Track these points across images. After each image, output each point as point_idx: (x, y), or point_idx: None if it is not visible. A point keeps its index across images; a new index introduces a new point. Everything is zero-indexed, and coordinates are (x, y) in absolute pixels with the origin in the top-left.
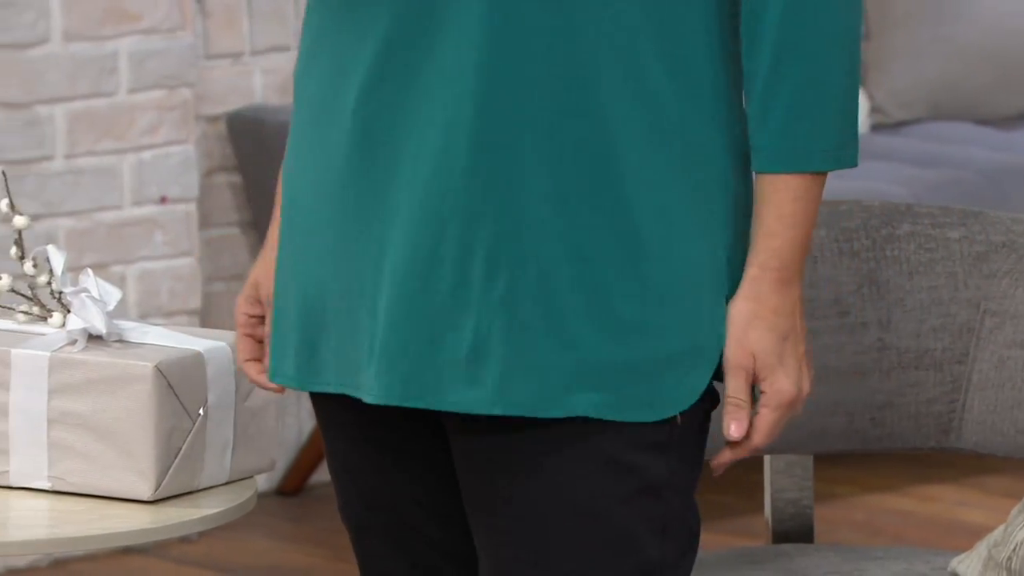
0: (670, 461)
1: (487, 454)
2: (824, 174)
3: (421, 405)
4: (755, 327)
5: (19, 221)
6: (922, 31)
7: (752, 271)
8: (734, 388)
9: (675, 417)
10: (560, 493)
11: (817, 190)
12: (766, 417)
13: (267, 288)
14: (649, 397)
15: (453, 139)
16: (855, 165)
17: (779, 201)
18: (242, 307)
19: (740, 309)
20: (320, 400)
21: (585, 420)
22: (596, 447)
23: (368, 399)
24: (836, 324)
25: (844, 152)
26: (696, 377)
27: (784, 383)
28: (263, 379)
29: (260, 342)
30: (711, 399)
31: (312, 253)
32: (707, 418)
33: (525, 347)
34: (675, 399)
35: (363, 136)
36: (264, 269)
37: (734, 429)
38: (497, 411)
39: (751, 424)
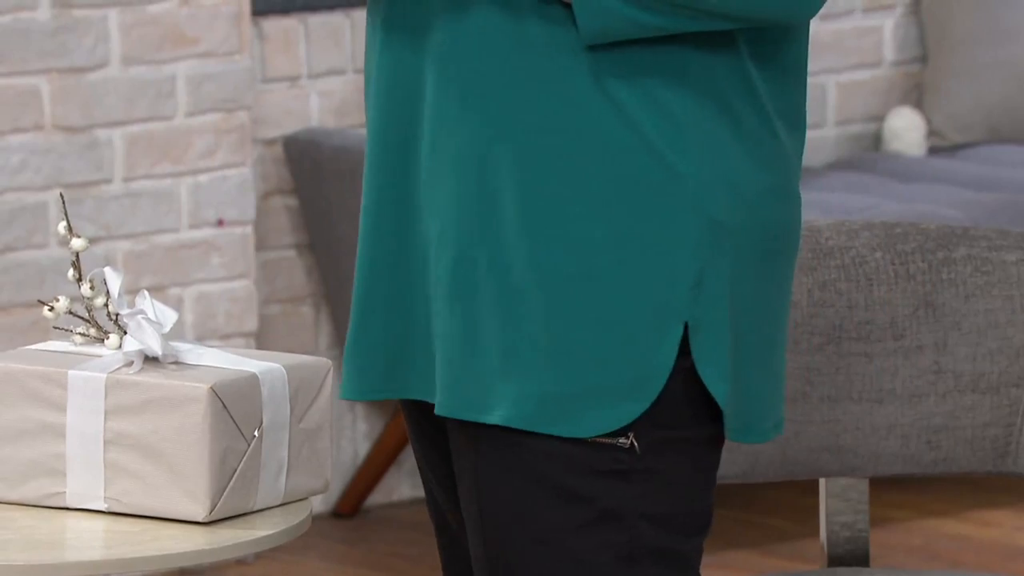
0: (636, 488)
1: (457, 457)
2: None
3: (389, 396)
4: None
5: (77, 243)
6: (980, 54)
7: None
8: None
9: (631, 442)
10: (510, 509)
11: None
12: None
13: None
14: (574, 416)
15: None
16: (587, 40)
17: None
18: None
19: None
20: (403, 403)
21: (516, 433)
22: (535, 465)
23: (342, 395)
24: (892, 347)
25: (587, 10)
26: (632, 402)
27: None
28: None
29: None
30: (691, 426)
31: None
32: (700, 446)
33: (466, 354)
34: (600, 421)
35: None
36: None
37: None
38: (438, 410)
39: None
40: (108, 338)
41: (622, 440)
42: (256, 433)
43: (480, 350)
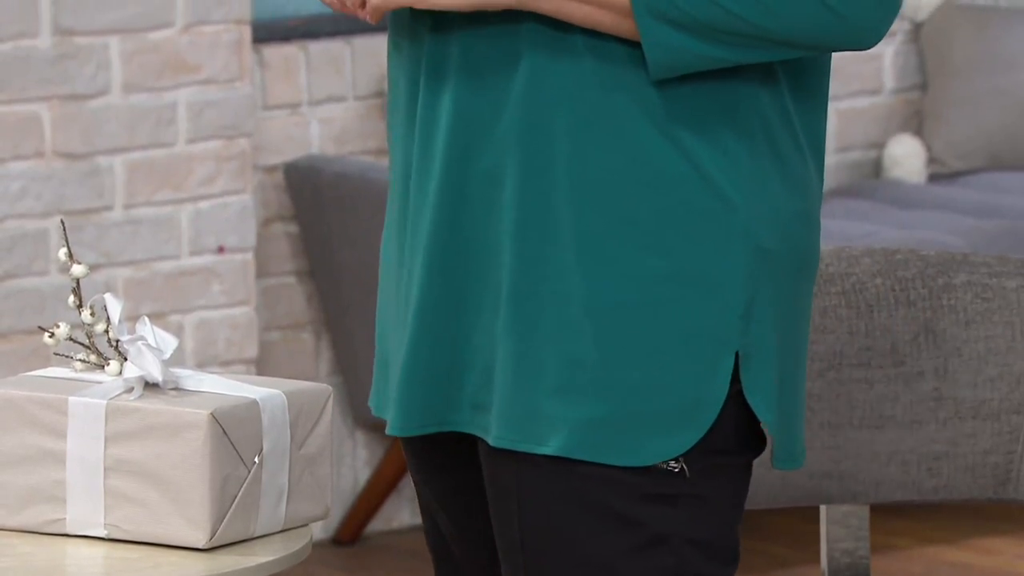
0: (683, 512)
1: (496, 486)
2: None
3: (435, 429)
4: None
5: (77, 270)
6: (980, 82)
7: None
8: None
9: (681, 467)
10: (560, 535)
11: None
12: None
13: None
14: (631, 444)
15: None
16: (655, 75)
17: None
18: None
19: None
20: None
21: (572, 461)
22: (588, 492)
23: (388, 429)
24: (892, 374)
25: (652, 35)
26: (689, 431)
27: None
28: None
29: None
30: (737, 452)
31: (383, 292)
32: (737, 471)
33: (521, 384)
34: (659, 449)
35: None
36: None
37: None
38: (489, 440)
39: None
40: (108, 364)
41: (672, 464)
42: (256, 459)
43: (537, 381)
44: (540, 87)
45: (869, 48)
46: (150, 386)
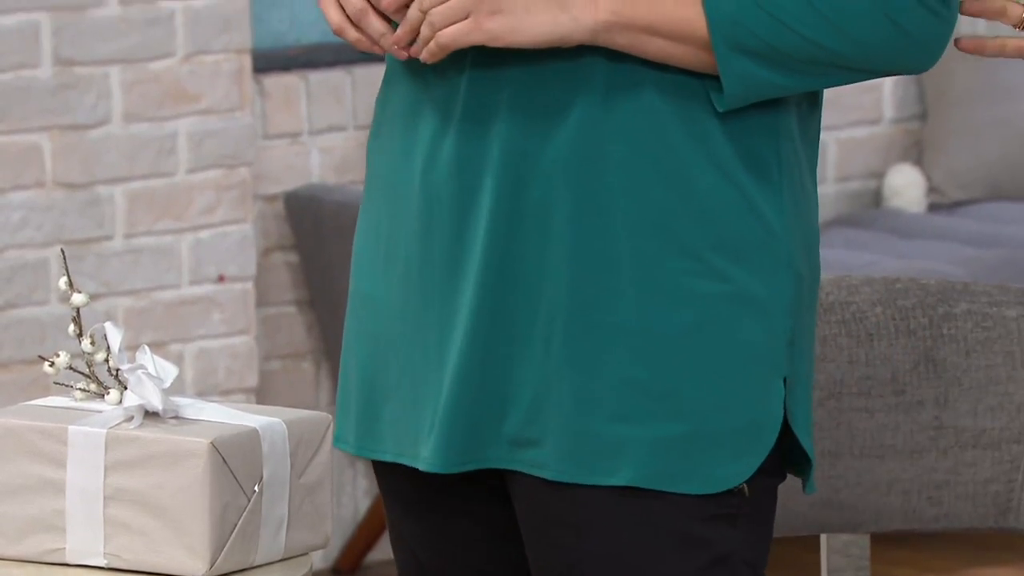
0: (740, 533)
1: (547, 517)
2: (700, 56)
3: (474, 467)
4: None
5: (77, 299)
6: (980, 111)
7: None
8: None
9: (742, 488)
10: (622, 560)
11: (688, 36)
12: (425, 33)
13: None
14: (702, 470)
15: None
16: (722, 105)
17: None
18: None
19: None
20: (380, 468)
21: (642, 489)
22: (655, 516)
23: (423, 467)
24: (892, 403)
25: (735, 57)
26: (753, 454)
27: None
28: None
29: None
30: (779, 473)
31: (376, 326)
32: (775, 492)
33: (582, 415)
34: (729, 474)
35: (429, 215)
36: None
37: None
38: (548, 475)
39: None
40: (108, 393)
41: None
42: (256, 488)
43: (599, 412)
44: (597, 119)
45: (927, 69)
46: (150, 415)
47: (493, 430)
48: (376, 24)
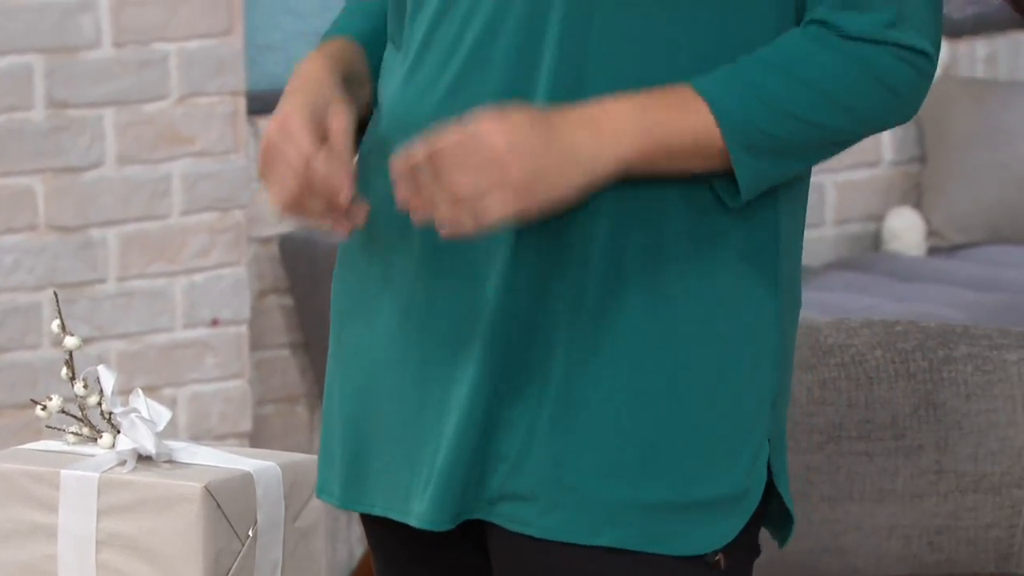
0: None
1: (519, 568)
2: (715, 157)
3: (462, 519)
4: (538, 127)
5: (70, 342)
6: (979, 155)
7: (595, 102)
8: (431, 141)
9: (717, 559)
10: None
11: (700, 148)
12: (443, 211)
13: (323, 109)
14: (681, 535)
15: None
16: (737, 202)
17: (678, 111)
18: (305, 137)
19: (530, 111)
20: (368, 521)
21: (618, 551)
22: None
23: (416, 523)
24: (892, 446)
25: (747, 155)
26: (738, 515)
27: (479, 185)
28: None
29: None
30: (755, 548)
31: (363, 377)
32: (750, 568)
33: (574, 473)
34: (706, 539)
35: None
36: (307, 96)
37: (400, 163)
38: (531, 531)
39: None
40: (101, 437)
41: (717, 551)
42: (251, 532)
43: (588, 471)
44: (621, 228)
45: (906, 121)
46: (143, 459)
47: (482, 484)
48: (317, 207)
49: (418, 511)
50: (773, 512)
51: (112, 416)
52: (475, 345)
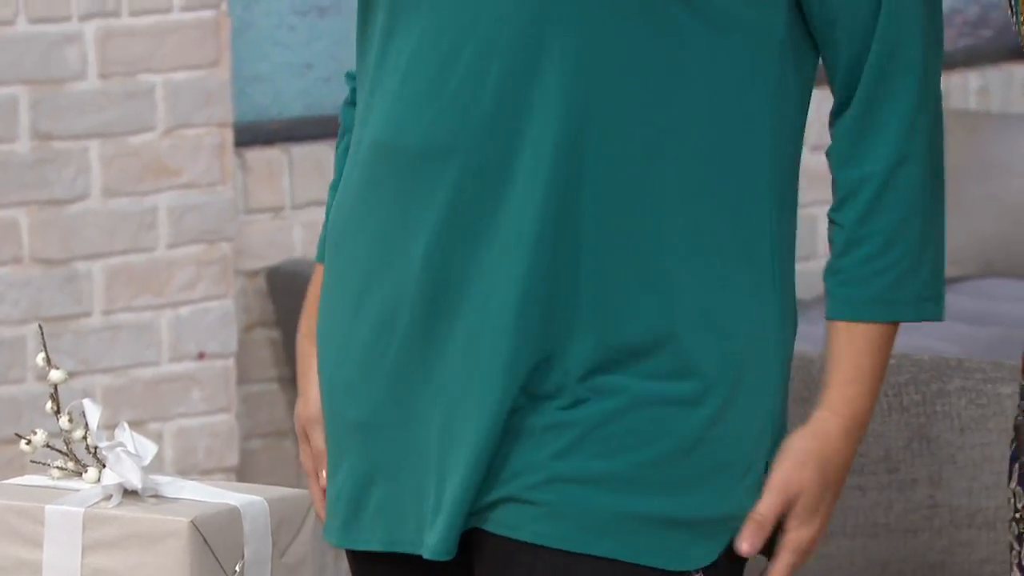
0: None
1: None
2: (897, 326)
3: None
4: (811, 467)
5: (55, 375)
6: (972, 187)
7: (822, 413)
8: (767, 507)
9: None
10: None
11: (891, 342)
12: (786, 560)
13: (304, 414)
14: (678, 550)
15: (509, 297)
16: (940, 318)
17: (858, 350)
18: (300, 432)
19: (804, 444)
20: (358, 558)
21: (611, 561)
22: None
23: (429, 555)
24: (885, 481)
25: (928, 304)
26: (719, 540)
27: (812, 532)
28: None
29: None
30: (738, 563)
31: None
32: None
33: (568, 484)
34: (701, 554)
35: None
36: (299, 399)
37: (747, 546)
38: (524, 536)
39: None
40: (86, 471)
41: (705, 568)
42: (238, 568)
43: (586, 480)
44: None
45: None
46: (129, 493)
47: (481, 495)
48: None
49: (430, 543)
50: None
51: (97, 450)
52: (482, 375)
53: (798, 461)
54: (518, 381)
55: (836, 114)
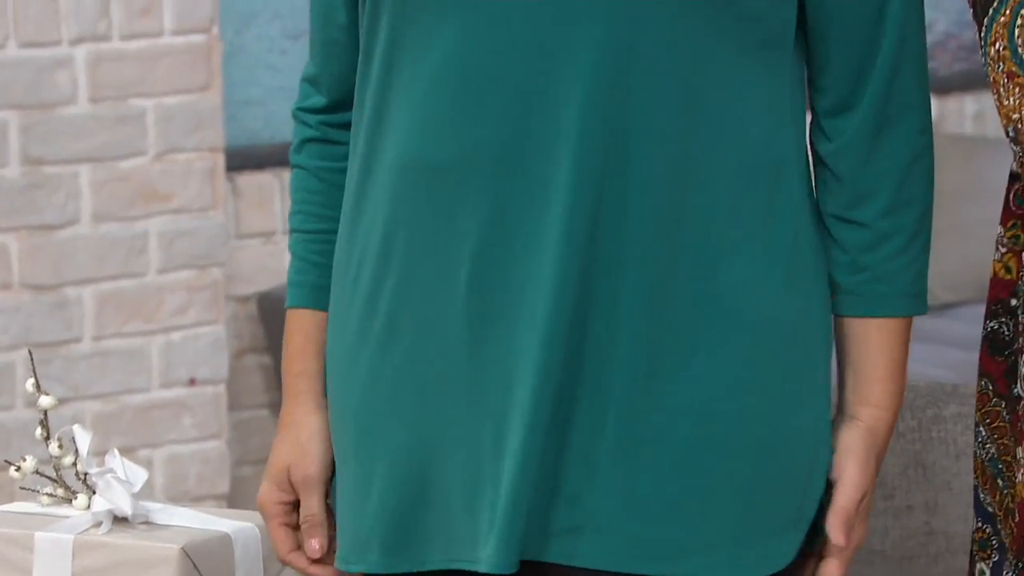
0: None
1: None
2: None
3: (528, 557)
4: (872, 465)
5: (45, 401)
6: (967, 212)
7: (871, 410)
8: (848, 500)
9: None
10: None
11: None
12: (847, 557)
13: (301, 470)
14: (749, 560)
15: (562, 303)
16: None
17: (892, 345)
18: (273, 495)
19: (863, 442)
20: None
21: None
22: None
23: (486, 568)
24: (881, 507)
25: (924, 298)
26: (791, 540)
27: (865, 529)
28: (319, 569)
29: (296, 528)
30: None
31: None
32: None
33: (637, 509)
34: (772, 560)
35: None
36: (293, 450)
37: (844, 538)
38: (590, 564)
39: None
40: (76, 498)
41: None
42: None
43: (654, 499)
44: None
45: None
46: (119, 520)
47: (541, 521)
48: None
49: (486, 556)
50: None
51: (87, 477)
52: (527, 382)
53: (863, 456)
54: (565, 390)
55: (833, 112)
